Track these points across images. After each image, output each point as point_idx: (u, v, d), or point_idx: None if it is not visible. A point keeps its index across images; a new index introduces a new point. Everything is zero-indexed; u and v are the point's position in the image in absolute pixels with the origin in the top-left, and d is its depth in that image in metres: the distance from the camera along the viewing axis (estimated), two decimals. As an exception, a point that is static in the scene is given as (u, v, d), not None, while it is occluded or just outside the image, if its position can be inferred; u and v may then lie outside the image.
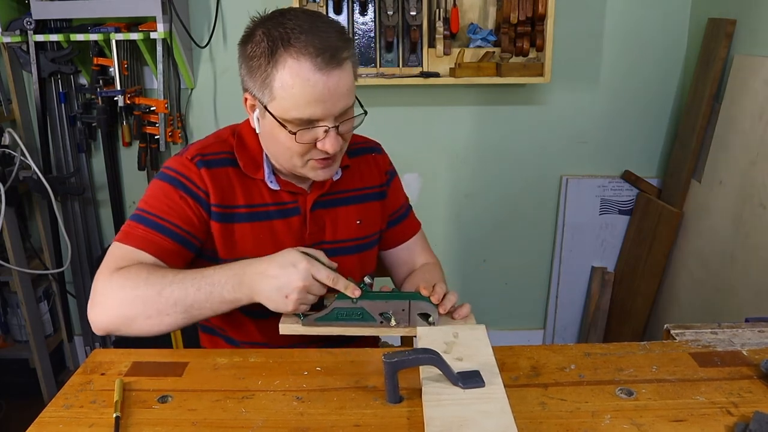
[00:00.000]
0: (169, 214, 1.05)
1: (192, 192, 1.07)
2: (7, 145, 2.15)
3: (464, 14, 2.19)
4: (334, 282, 0.97)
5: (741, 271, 1.82)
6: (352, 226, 1.19)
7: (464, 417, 0.78)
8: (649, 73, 2.31)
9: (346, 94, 0.99)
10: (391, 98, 2.34)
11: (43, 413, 0.86)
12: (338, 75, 0.97)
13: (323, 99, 0.97)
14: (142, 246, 1.03)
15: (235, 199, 1.09)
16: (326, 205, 1.16)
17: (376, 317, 1.01)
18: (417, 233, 1.33)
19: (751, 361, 0.95)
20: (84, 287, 2.50)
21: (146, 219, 1.05)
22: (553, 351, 0.99)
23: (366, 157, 1.24)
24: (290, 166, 1.07)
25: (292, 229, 1.13)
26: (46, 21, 2.14)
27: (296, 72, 0.95)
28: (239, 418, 0.84)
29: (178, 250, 1.05)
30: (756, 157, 1.78)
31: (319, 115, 0.98)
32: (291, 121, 0.99)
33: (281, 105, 0.98)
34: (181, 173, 1.08)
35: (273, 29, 0.97)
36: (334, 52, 0.96)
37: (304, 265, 0.95)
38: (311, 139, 1.01)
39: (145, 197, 1.08)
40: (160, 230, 1.04)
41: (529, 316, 2.64)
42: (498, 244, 2.53)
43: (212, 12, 2.23)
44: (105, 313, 0.98)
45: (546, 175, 2.44)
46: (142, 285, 0.96)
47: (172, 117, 2.26)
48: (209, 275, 0.98)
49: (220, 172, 1.09)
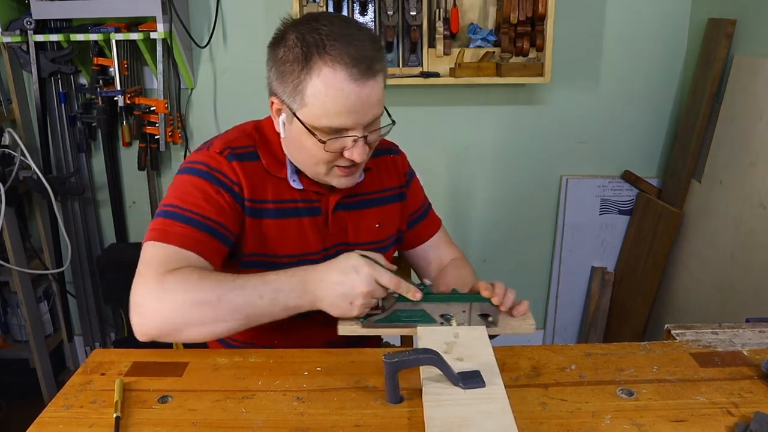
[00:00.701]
0: (206, 209, 1.01)
1: (226, 186, 1.03)
2: (7, 145, 2.15)
3: (464, 14, 2.19)
4: (396, 286, 0.96)
5: (741, 271, 1.82)
6: (372, 230, 1.18)
7: (465, 417, 0.78)
8: (649, 73, 2.31)
9: (377, 105, 0.99)
10: (391, 98, 2.30)
11: (43, 413, 0.85)
12: (372, 86, 0.96)
13: (355, 109, 0.96)
14: (185, 244, 0.97)
15: (265, 194, 1.07)
16: (348, 207, 1.15)
17: (437, 318, 1.01)
18: (439, 230, 1.34)
19: (752, 362, 0.95)
20: (84, 287, 2.50)
21: (182, 216, 0.99)
22: (554, 351, 0.99)
23: (385, 159, 1.24)
24: (313, 172, 1.06)
25: (314, 228, 1.12)
26: (46, 21, 2.14)
27: (331, 81, 0.94)
28: (239, 418, 0.84)
29: (218, 246, 1.02)
30: (756, 157, 1.78)
31: (350, 124, 0.98)
32: (320, 129, 0.98)
33: (312, 112, 0.97)
34: (213, 167, 1.04)
35: (307, 34, 0.95)
36: (370, 63, 0.95)
37: (367, 270, 0.93)
38: (339, 148, 1.00)
39: (176, 192, 1.03)
40: (199, 227, 0.99)
41: (529, 316, 2.64)
42: (498, 244, 2.53)
43: (212, 12, 2.23)
44: (155, 320, 0.93)
45: (546, 175, 2.44)
46: (199, 290, 0.91)
47: (172, 117, 2.26)
48: (272, 282, 0.94)
49: (250, 165, 1.06)
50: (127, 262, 2.58)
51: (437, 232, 1.33)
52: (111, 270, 2.23)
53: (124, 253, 2.29)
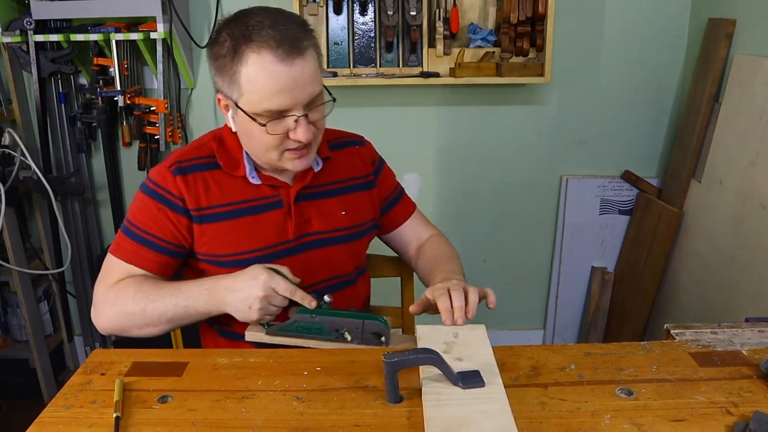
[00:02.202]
0: (151, 227, 1.12)
1: (169, 202, 1.12)
2: (7, 145, 2.15)
3: (464, 14, 2.19)
4: (291, 293, 1.04)
5: (741, 271, 1.82)
6: (338, 218, 1.22)
7: (464, 417, 0.78)
8: (649, 74, 2.31)
9: (311, 82, 1.02)
10: (391, 98, 2.34)
11: (43, 413, 0.86)
12: (300, 64, 1.00)
13: (289, 88, 1.00)
14: (131, 260, 1.12)
15: (212, 200, 1.13)
16: (310, 197, 1.19)
17: (332, 333, 1.07)
18: (414, 211, 1.38)
19: (751, 361, 0.95)
20: (84, 287, 2.50)
21: (132, 233, 1.13)
22: (553, 351, 0.99)
23: (349, 150, 1.28)
24: (267, 159, 1.10)
25: (274, 222, 1.16)
26: (46, 21, 2.14)
27: (260, 65, 0.99)
28: (239, 418, 0.84)
29: (164, 260, 1.14)
30: (756, 157, 1.78)
31: (288, 104, 1.02)
32: (261, 114, 1.02)
33: (250, 99, 1.02)
34: (159, 184, 1.13)
35: (236, 28, 1.01)
36: (293, 41, 0.99)
37: (264, 278, 1.02)
38: (283, 130, 1.04)
39: (132, 208, 1.15)
40: (145, 244, 1.12)
41: (529, 316, 2.64)
42: (498, 244, 2.53)
43: (212, 12, 2.23)
44: (104, 323, 1.12)
45: (546, 175, 2.44)
46: (129, 303, 1.08)
47: (172, 117, 2.26)
48: (185, 290, 1.08)
49: (196, 176, 1.13)
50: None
51: (413, 214, 1.37)
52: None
53: (124, 253, 2.29)
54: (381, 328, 1.06)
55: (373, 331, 1.06)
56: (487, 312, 1.12)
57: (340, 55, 2.23)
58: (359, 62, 2.24)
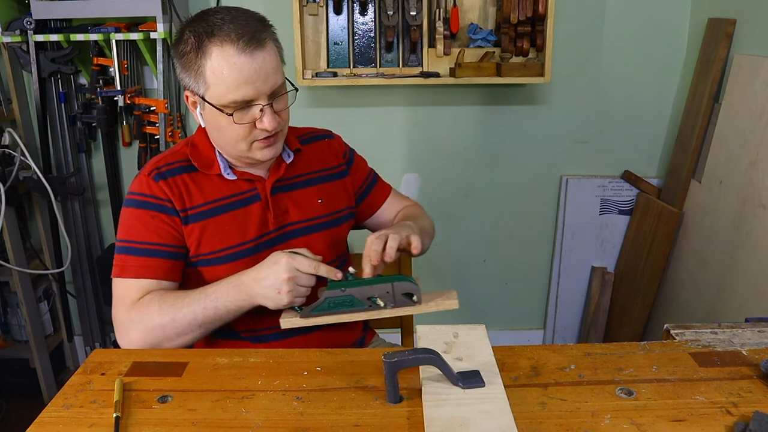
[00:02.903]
0: (150, 237, 1.13)
1: (159, 207, 1.14)
2: (7, 145, 2.15)
3: (464, 14, 2.19)
4: (315, 269, 1.05)
5: (741, 271, 1.82)
6: (314, 206, 1.25)
7: (464, 417, 0.78)
8: (649, 73, 2.31)
9: (273, 73, 1.07)
10: (391, 98, 2.34)
11: (43, 413, 0.86)
12: (262, 55, 1.05)
13: (251, 79, 1.04)
14: (141, 274, 1.12)
15: (192, 201, 1.15)
16: (285, 189, 1.22)
17: (364, 302, 1.07)
18: (391, 191, 1.42)
19: (751, 361, 0.95)
20: (84, 287, 2.50)
21: (133, 249, 1.13)
22: (553, 351, 0.99)
23: (320, 143, 1.32)
24: (237, 151, 1.13)
25: (254, 215, 1.18)
26: (46, 21, 2.14)
27: (222, 58, 1.03)
28: (239, 418, 0.84)
29: (171, 264, 1.14)
30: (756, 157, 1.78)
31: (252, 94, 1.06)
32: (227, 105, 1.06)
33: (216, 92, 1.06)
34: (144, 193, 1.14)
35: (198, 26, 1.05)
36: (253, 34, 1.04)
37: (285, 260, 1.04)
38: (249, 120, 1.08)
39: (123, 227, 1.15)
40: (150, 254, 1.13)
41: (529, 316, 2.64)
42: (498, 244, 2.53)
43: (212, 12, 2.22)
44: (133, 343, 1.09)
45: (546, 175, 2.44)
46: (156, 317, 1.07)
47: (172, 117, 2.26)
48: (211, 293, 1.08)
49: (175, 179, 1.15)
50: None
51: (390, 194, 1.41)
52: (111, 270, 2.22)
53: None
54: (411, 288, 1.07)
55: (404, 291, 1.07)
56: (487, 312, 1.13)
57: (340, 55, 2.23)
58: (359, 62, 2.24)
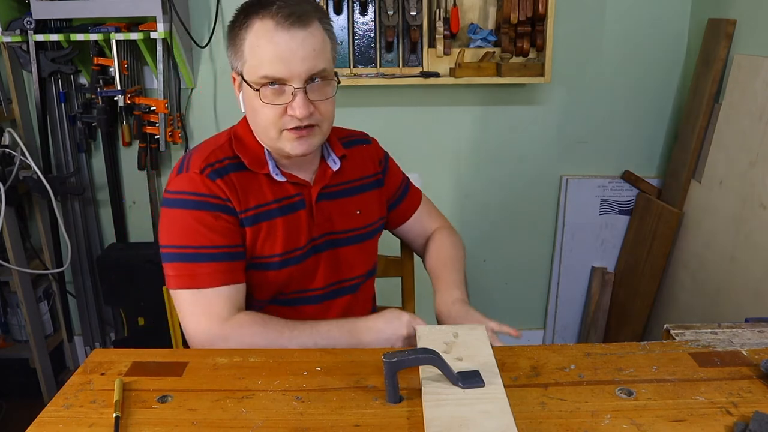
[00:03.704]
0: (215, 239, 1.06)
1: (221, 206, 1.07)
2: (7, 144, 2.15)
3: (464, 14, 2.19)
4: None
5: (741, 271, 1.82)
6: (354, 217, 1.21)
7: (464, 417, 0.78)
8: (649, 74, 2.31)
9: (312, 57, 1.01)
10: (391, 98, 2.34)
11: (43, 413, 0.85)
12: (302, 35, 1.00)
13: (286, 57, 1.00)
14: (219, 281, 1.05)
15: (249, 202, 1.10)
16: (330, 196, 1.18)
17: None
18: (421, 203, 1.38)
19: (751, 361, 0.95)
20: (84, 287, 2.50)
21: (199, 255, 1.05)
22: (553, 351, 0.99)
23: (359, 148, 1.27)
24: (268, 140, 1.09)
25: (302, 222, 1.15)
26: (46, 21, 2.14)
27: (261, 31, 1.00)
28: (239, 418, 0.84)
29: (240, 265, 1.09)
30: (756, 157, 1.78)
31: (284, 73, 1.01)
32: (260, 82, 1.02)
33: (251, 66, 1.03)
34: (202, 193, 1.06)
35: (251, 2, 1.03)
36: (301, 14, 1.00)
37: (407, 318, 1.04)
38: (280, 102, 1.03)
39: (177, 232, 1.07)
40: (219, 258, 1.06)
41: (529, 316, 2.64)
42: (498, 244, 2.53)
43: (212, 12, 2.23)
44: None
45: (546, 175, 2.44)
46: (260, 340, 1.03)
47: (172, 117, 2.26)
48: (324, 331, 1.05)
49: (231, 178, 1.09)
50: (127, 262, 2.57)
51: (420, 206, 1.38)
52: (111, 270, 2.23)
53: (124, 253, 2.29)
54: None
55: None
56: (487, 312, 1.13)
57: (341, 55, 2.23)
58: (359, 62, 2.24)
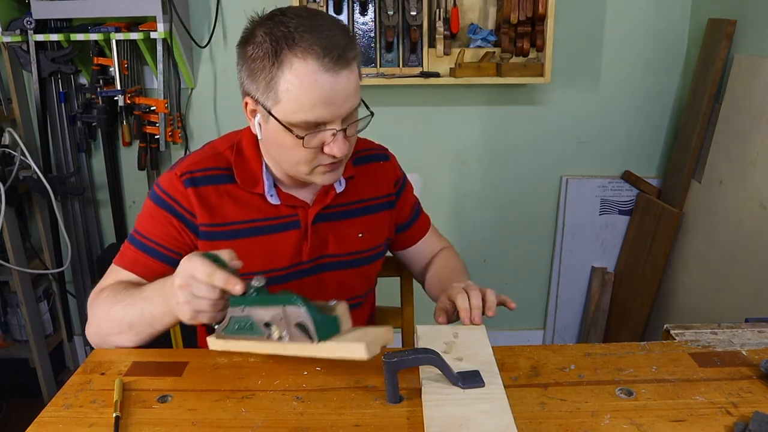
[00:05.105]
0: (156, 235, 1.07)
1: (177, 213, 1.06)
2: (7, 144, 2.15)
3: (464, 14, 2.19)
4: (209, 276, 0.83)
5: (741, 271, 1.82)
6: (355, 240, 1.16)
7: (464, 417, 0.78)
8: (649, 73, 2.31)
9: (353, 96, 0.96)
10: (391, 98, 2.34)
11: (43, 413, 0.85)
12: (346, 76, 0.93)
13: (331, 101, 0.93)
14: (130, 267, 1.07)
15: (226, 216, 1.07)
16: (329, 218, 1.13)
17: (262, 329, 0.83)
18: (429, 228, 1.35)
19: (751, 361, 0.95)
20: (84, 287, 2.50)
21: (137, 241, 1.08)
22: (553, 351, 0.99)
23: (373, 166, 1.20)
24: (295, 172, 1.03)
25: (288, 244, 1.10)
26: (46, 21, 2.14)
27: (303, 73, 0.91)
28: (239, 417, 0.84)
29: (165, 269, 1.05)
30: (756, 157, 1.78)
31: (327, 117, 0.94)
32: (297, 124, 0.95)
33: (287, 108, 0.94)
34: (168, 193, 1.06)
35: (275, 28, 0.92)
36: (341, 51, 0.92)
37: (182, 263, 0.87)
38: (318, 144, 0.97)
39: (139, 217, 1.10)
40: (147, 251, 1.07)
41: (529, 316, 2.64)
42: (498, 244, 2.53)
43: (212, 12, 2.23)
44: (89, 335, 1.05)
45: (546, 175, 2.44)
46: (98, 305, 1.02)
47: (172, 117, 2.26)
48: (145, 290, 0.96)
49: (209, 189, 1.06)
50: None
51: (429, 229, 1.34)
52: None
53: (124, 252, 2.29)
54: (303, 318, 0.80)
55: (297, 322, 0.81)
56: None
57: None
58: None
